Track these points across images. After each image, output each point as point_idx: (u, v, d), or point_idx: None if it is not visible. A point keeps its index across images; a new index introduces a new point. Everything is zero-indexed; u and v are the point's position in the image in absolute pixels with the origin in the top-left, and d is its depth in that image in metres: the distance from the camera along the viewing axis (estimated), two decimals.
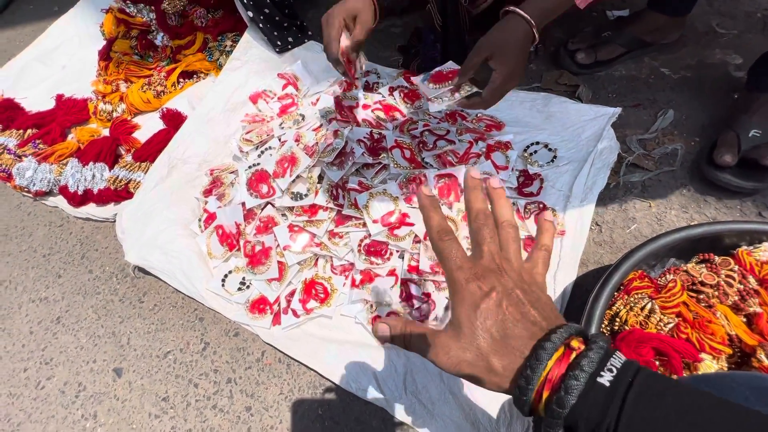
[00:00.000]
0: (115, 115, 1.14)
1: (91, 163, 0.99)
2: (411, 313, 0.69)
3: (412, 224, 0.73)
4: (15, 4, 1.75)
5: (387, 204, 0.74)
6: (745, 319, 0.52)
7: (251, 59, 1.06)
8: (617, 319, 0.54)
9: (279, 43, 1.06)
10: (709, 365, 0.48)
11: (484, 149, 0.84)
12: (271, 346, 0.72)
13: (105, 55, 1.23)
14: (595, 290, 0.55)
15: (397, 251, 0.74)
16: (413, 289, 0.71)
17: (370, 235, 0.75)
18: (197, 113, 1.00)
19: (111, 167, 1.01)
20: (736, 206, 0.75)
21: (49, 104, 1.25)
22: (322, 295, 0.74)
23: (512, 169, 0.82)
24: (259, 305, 0.75)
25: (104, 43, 1.30)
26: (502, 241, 0.32)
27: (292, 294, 0.75)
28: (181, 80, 1.17)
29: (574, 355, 0.26)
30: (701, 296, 0.53)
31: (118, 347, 0.79)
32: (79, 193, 0.97)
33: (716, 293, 0.52)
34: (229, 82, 1.04)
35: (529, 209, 0.76)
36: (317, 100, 0.96)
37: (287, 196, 0.80)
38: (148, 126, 1.10)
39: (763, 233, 0.56)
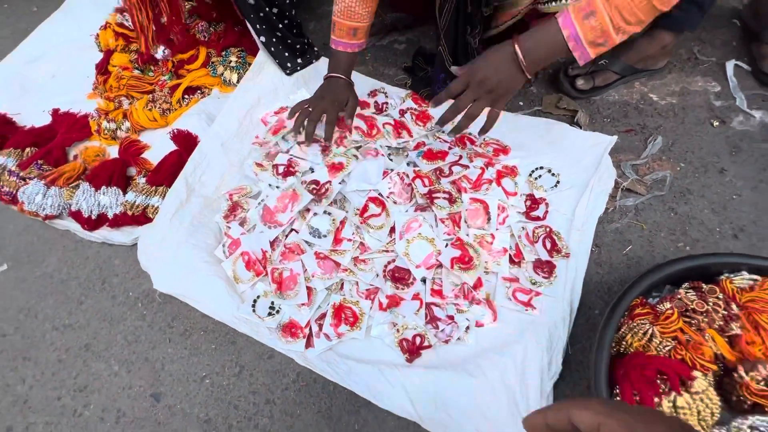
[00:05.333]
0: (119, 133, 1.13)
1: (104, 187, 0.99)
2: (436, 334, 0.76)
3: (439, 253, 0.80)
4: None
5: (425, 247, 0.80)
6: (727, 340, 0.62)
7: (262, 81, 1.07)
8: (623, 342, 0.63)
9: (289, 65, 1.08)
10: (701, 381, 0.57)
11: (494, 175, 0.90)
12: (307, 368, 0.77)
13: (103, 68, 1.20)
14: (604, 317, 0.63)
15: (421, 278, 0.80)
16: (437, 312, 0.78)
17: (394, 260, 0.81)
18: (211, 135, 1.01)
19: (123, 190, 1.01)
20: (715, 228, 0.85)
21: (42, 118, 1.22)
22: (351, 319, 0.79)
23: (520, 195, 0.89)
24: (290, 329, 0.80)
25: (100, 55, 1.27)
26: None
27: (321, 317, 0.81)
28: (186, 96, 1.16)
29: None
30: (693, 321, 0.62)
31: (153, 372, 0.82)
32: (93, 218, 0.98)
33: (705, 319, 0.61)
34: (241, 103, 1.05)
35: (537, 234, 0.84)
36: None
37: (306, 229, 0.84)
38: (157, 146, 1.09)
39: (742, 264, 0.65)
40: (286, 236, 0.87)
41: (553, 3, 0.78)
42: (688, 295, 0.64)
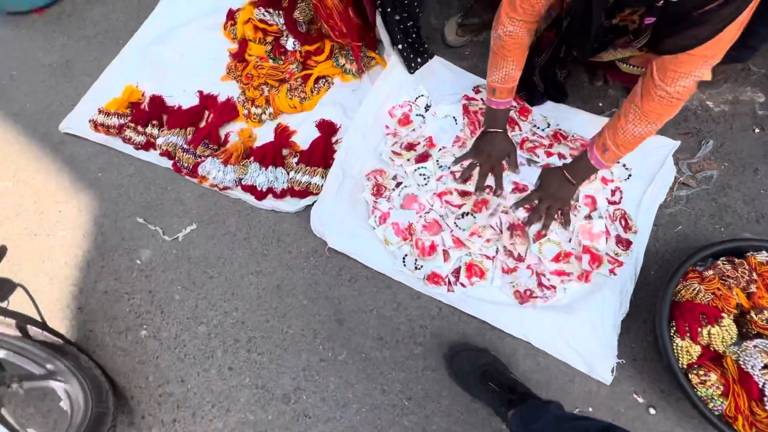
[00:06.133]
0: (263, 117, 1.36)
1: (271, 167, 1.25)
2: (543, 291, 1.09)
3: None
4: None
5: (553, 248, 1.09)
6: (746, 295, 0.95)
7: (392, 80, 1.29)
8: (678, 294, 0.96)
9: (413, 65, 1.29)
10: (726, 319, 0.91)
11: None
12: (448, 305, 1.11)
13: (241, 57, 1.39)
14: (669, 278, 0.95)
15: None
16: (543, 280, 1.09)
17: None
18: (354, 127, 1.25)
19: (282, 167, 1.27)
20: (744, 215, 1.15)
21: (181, 97, 1.43)
22: (479, 272, 1.12)
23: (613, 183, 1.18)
24: (434, 278, 1.13)
25: (218, 36, 1.48)
26: None
27: (456, 272, 1.13)
28: (315, 85, 1.38)
29: None
30: (726, 282, 0.94)
31: (333, 305, 1.16)
32: (264, 190, 1.25)
33: (734, 282, 0.94)
34: (375, 99, 1.28)
35: (615, 215, 1.14)
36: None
37: (451, 218, 1.13)
38: (301, 130, 1.33)
39: (762, 246, 0.97)
40: (427, 212, 1.16)
41: (625, 65, 1.00)
42: (725, 266, 0.96)
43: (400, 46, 1.22)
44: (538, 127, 1.27)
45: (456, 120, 1.27)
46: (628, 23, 0.84)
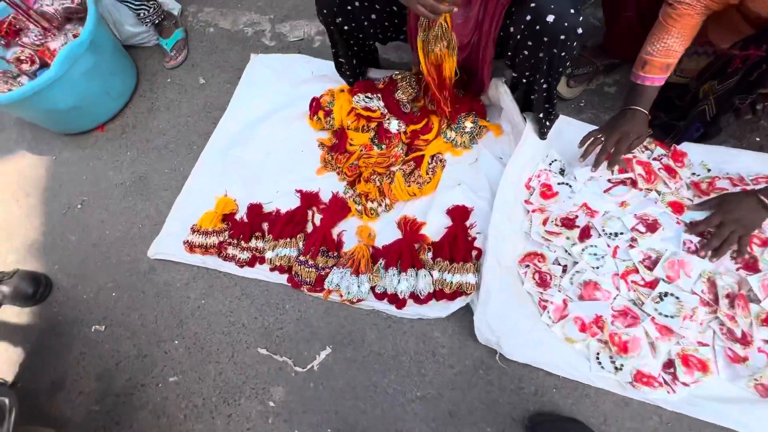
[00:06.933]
0: (380, 210, 1.22)
1: (410, 270, 1.09)
2: None
3: None
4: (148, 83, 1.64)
5: None
6: None
7: (525, 151, 1.15)
8: None
9: (544, 130, 1.16)
10: None
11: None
12: (672, 411, 0.92)
13: (343, 148, 1.27)
14: None
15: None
16: None
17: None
18: (498, 209, 1.10)
19: (419, 266, 1.11)
20: None
21: (276, 198, 1.30)
22: (699, 365, 0.93)
23: None
24: (644, 379, 0.94)
25: (303, 127, 1.39)
26: None
27: (667, 365, 0.94)
28: (429, 166, 1.24)
29: None
30: None
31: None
32: (405, 297, 1.09)
33: None
34: (512, 174, 1.13)
35: None
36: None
37: (651, 305, 0.96)
38: (428, 219, 1.18)
39: None
40: (614, 299, 0.99)
41: None
42: None
43: (538, 113, 1.10)
44: (697, 174, 1.12)
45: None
46: None
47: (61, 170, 1.56)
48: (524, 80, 1.05)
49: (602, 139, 1.03)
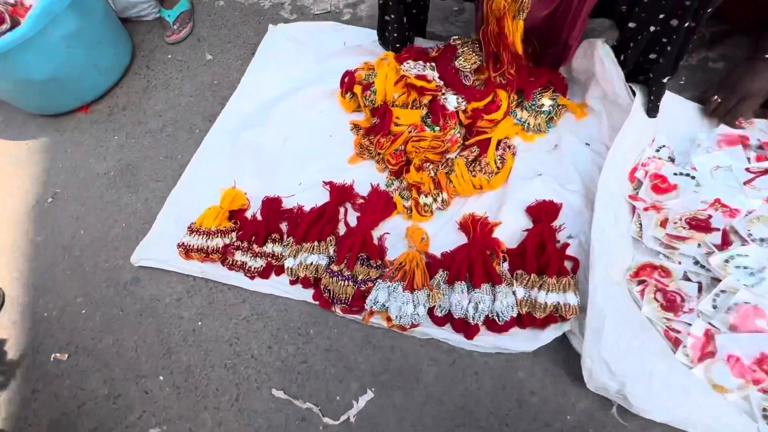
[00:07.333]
0: (434, 206, 0.95)
1: (485, 285, 0.81)
2: None
3: None
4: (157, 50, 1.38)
5: None
6: None
7: (631, 132, 0.89)
8: None
9: (654, 106, 0.90)
10: None
11: None
12: None
13: (386, 128, 1.00)
14: None
15: None
16: None
17: None
18: (601, 207, 0.81)
19: (497, 281, 0.82)
20: None
21: (302, 193, 1.02)
22: None
23: None
24: None
25: (332, 109, 1.12)
26: None
27: None
28: (498, 154, 0.97)
29: None
30: None
31: None
32: (478, 323, 0.80)
33: None
34: (615, 162, 0.86)
35: None
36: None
37: None
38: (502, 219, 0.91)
39: None
40: None
41: None
42: None
43: (660, 78, 0.84)
44: None
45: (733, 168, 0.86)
46: None
47: (34, 158, 1.28)
48: (647, 31, 0.79)
49: (718, 101, 0.80)
